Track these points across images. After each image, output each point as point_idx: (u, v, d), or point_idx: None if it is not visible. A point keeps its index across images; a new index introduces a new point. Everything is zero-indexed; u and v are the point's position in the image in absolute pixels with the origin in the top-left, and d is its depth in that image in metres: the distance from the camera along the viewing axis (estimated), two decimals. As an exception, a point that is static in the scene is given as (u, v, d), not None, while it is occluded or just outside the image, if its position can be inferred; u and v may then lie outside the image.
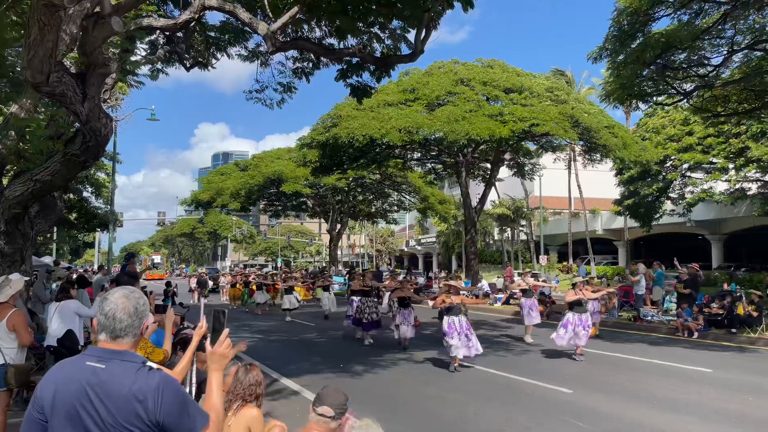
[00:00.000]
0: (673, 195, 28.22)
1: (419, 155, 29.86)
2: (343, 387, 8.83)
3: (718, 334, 14.50)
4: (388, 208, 45.44)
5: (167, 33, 11.55)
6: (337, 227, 43.64)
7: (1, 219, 7.79)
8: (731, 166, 24.08)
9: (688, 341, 14.17)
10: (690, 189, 27.29)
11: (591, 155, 25.72)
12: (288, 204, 43.66)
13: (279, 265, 69.17)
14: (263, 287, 24.37)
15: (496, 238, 55.84)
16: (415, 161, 31.78)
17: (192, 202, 41.43)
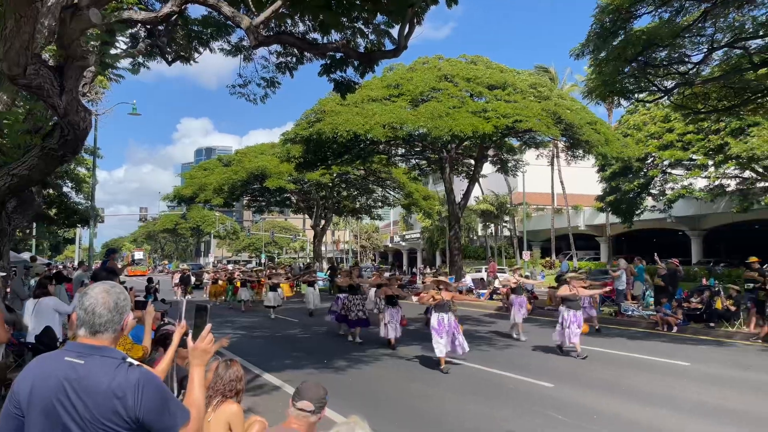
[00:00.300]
0: (654, 191, 28.55)
1: (403, 151, 29.87)
2: (326, 382, 8.80)
3: (696, 328, 14.73)
4: (372, 204, 45.42)
5: (148, 26, 11.42)
6: (321, 223, 43.54)
7: (-22, 214, 7.67)
8: (710, 162, 24.41)
9: (667, 335, 14.37)
10: (670, 185, 27.63)
11: (574, 151, 25.93)
12: (272, 200, 43.49)
13: (263, 261, 68.91)
14: (247, 284, 24.24)
15: (479, 233, 56.13)
16: (400, 157, 31.81)
17: (174, 197, 41.09)
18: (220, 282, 28.59)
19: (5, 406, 2.14)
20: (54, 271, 18.24)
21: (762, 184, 25.55)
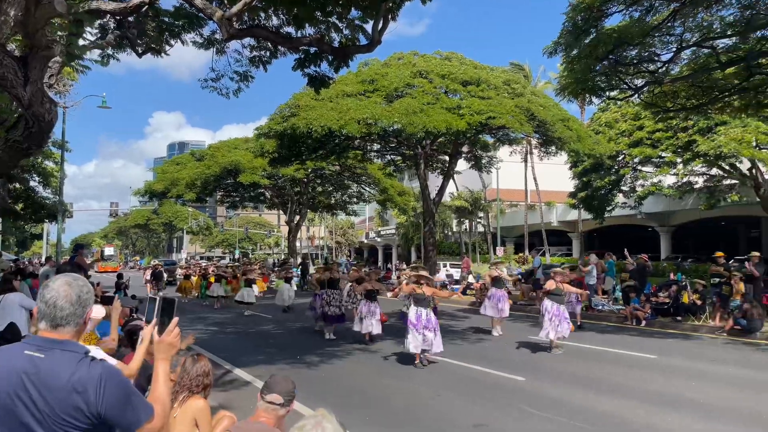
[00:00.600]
0: (625, 188, 28.95)
1: (378, 147, 29.84)
2: (298, 377, 8.70)
3: (664, 322, 15.05)
4: (347, 199, 45.31)
5: (118, 17, 11.19)
6: (296, 219, 43.32)
7: (-61, 208, 7.45)
8: (679, 160, 24.84)
9: (636, 329, 14.65)
10: (641, 182, 28.05)
11: (546, 148, 26.17)
12: (245, 195, 43.09)
13: (237, 257, 68.33)
14: (222, 279, 23.89)
15: (454, 229, 56.42)
16: (375, 153, 31.76)
17: (146, 192, 40.44)
18: (192, 278, 28.26)
19: None
20: (16, 268, 17.82)
21: (728, 181, 26.13)
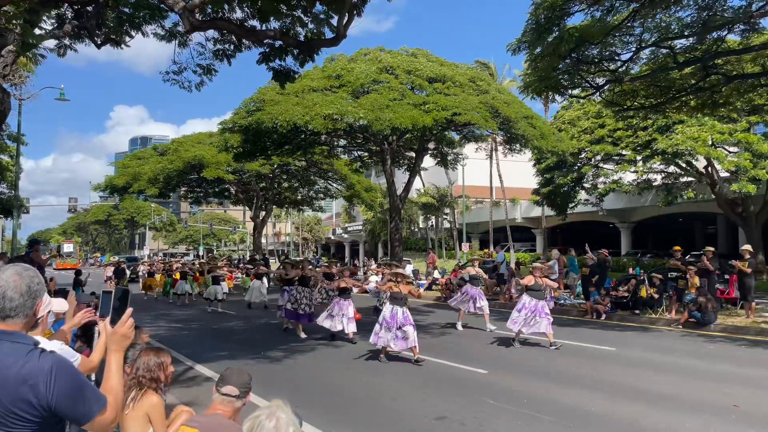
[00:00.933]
0: (587, 185, 29.55)
1: (345, 143, 29.78)
2: (260, 371, 8.63)
3: (623, 315, 15.41)
4: (314, 195, 45.10)
5: (76, 6, 10.92)
6: (262, 214, 42.92)
7: None
8: (639, 158, 25.46)
9: (596, 323, 14.97)
10: (602, 179, 28.66)
11: (511, 145, 26.51)
12: (210, 190, 42.47)
13: (201, 254, 67.39)
14: (188, 276, 23.44)
15: (421, 226, 56.75)
16: (341, 148, 31.68)
17: (106, 187, 39.48)
18: (156, 275, 27.73)
19: None
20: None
21: (685, 178, 26.89)
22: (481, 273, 15.15)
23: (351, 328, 12.23)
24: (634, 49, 15.62)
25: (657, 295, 15.39)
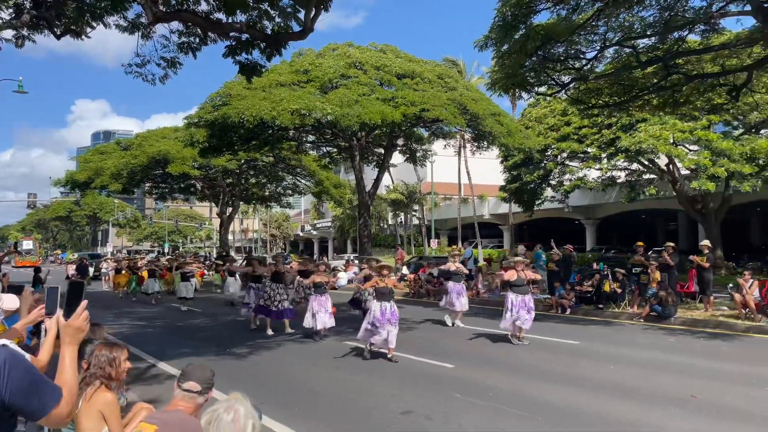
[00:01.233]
0: (553, 182, 29.94)
1: (313, 138, 29.59)
2: (224, 368, 8.51)
3: (587, 309, 15.69)
4: (282, 191, 44.74)
5: (33, -5, 10.57)
6: (228, 211, 42.42)
7: None
8: (603, 155, 25.90)
9: (560, 317, 15.21)
10: (567, 176, 29.06)
11: (479, 142, 26.72)
12: (175, 186, 41.78)
13: (166, 251, 66.27)
14: (155, 274, 22.93)
15: (390, 222, 56.83)
16: (310, 144, 31.48)
17: (67, 182, 38.49)
18: (124, 272, 27.10)
19: None
20: None
21: (647, 176, 27.49)
22: (462, 268, 14.98)
23: (330, 323, 12.17)
24: (598, 48, 15.86)
25: (620, 290, 15.71)
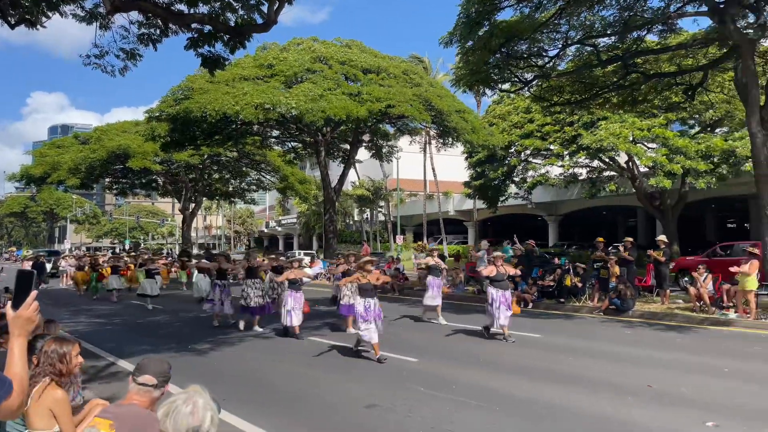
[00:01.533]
0: (517, 178, 30.35)
1: (278, 133, 29.36)
2: (184, 363, 8.35)
3: (549, 303, 15.97)
4: (246, 187, 44.27)
5: (-16, -19, 10.19)
6: (191, 207, 41.75)
7: None
8: (565, 152, 26.37)
9: (523, 311, 15.40)
10: (531, 173, 29.50)
11: (444, 139, 26.92)
12: (136, 181, 40.94)
13: (127, 247, 64.86)
14: (118, 271, 22.24)
15: (356, 218, 56.79)
16: (274, 139, 31.23)
17: (22, 177, 37.33)
18: (86, 269, 26.32)
19: None
20: None
21: (608, 173, 28.09)
22: (441, 263, 14.95)
23: (299, 319, 11.97)
24: (560, 46, 16.15)
25: (581, 284, 16.03)
